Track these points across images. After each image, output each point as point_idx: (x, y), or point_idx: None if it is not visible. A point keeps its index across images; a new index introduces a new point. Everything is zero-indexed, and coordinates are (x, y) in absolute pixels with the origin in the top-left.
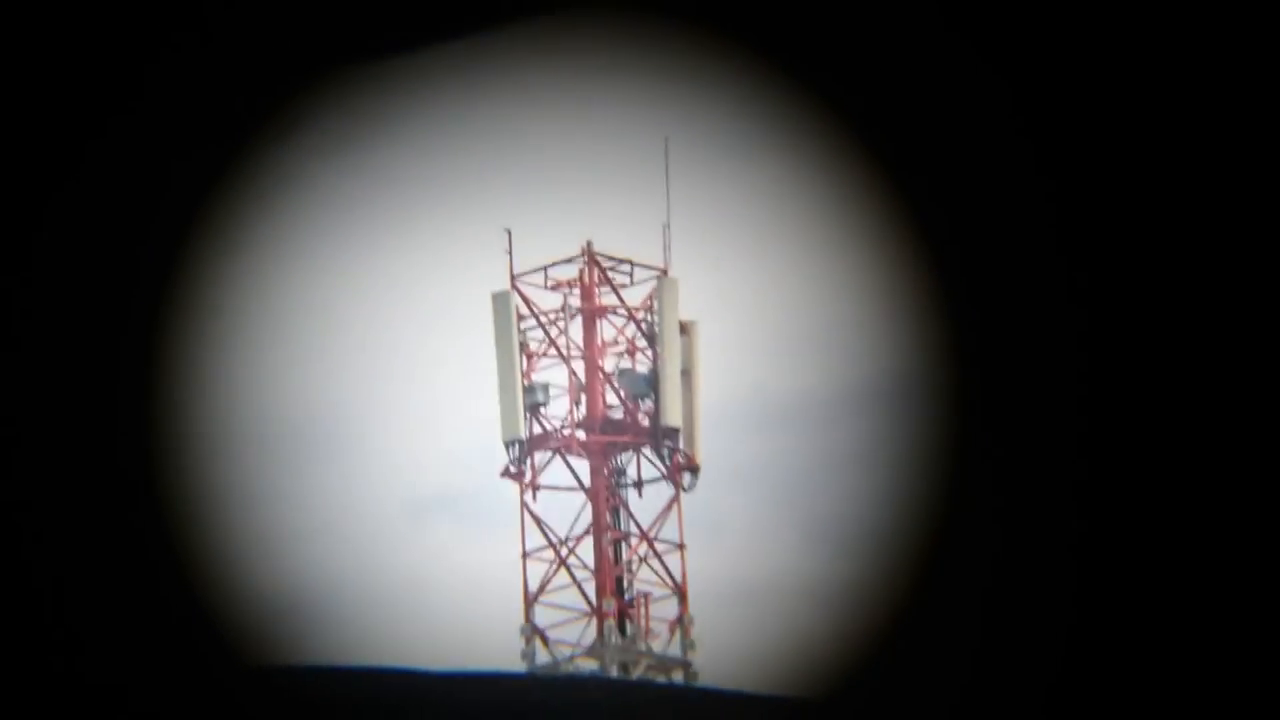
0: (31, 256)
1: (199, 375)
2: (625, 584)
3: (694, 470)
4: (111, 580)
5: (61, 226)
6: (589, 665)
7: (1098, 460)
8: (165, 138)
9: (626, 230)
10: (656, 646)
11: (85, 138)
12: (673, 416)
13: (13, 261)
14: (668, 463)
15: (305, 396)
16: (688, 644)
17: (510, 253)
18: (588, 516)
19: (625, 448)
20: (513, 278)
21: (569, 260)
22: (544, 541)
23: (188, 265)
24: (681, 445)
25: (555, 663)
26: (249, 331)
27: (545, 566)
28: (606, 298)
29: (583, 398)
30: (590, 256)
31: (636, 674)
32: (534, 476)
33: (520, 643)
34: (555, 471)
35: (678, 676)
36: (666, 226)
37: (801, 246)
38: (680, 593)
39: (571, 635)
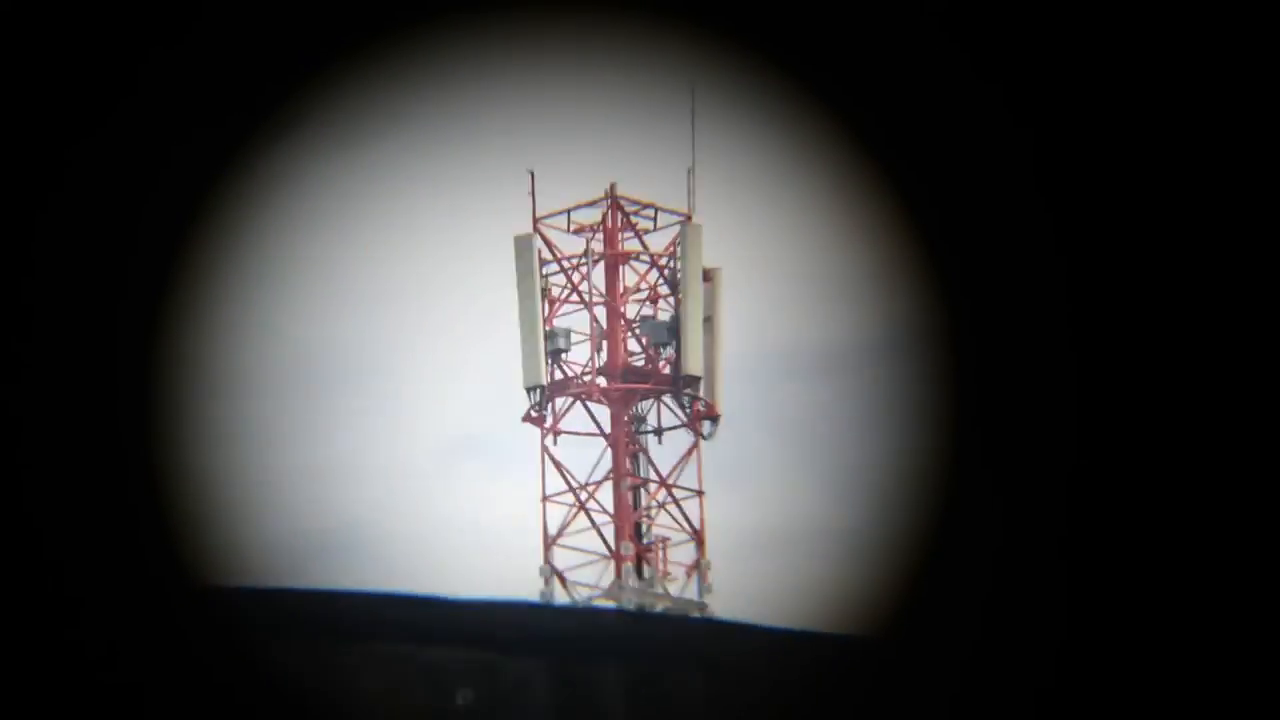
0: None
1: (227, 315)
2: (644, 529)
3: (714, 418)
4: (129, 520)
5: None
6: (607, 606)
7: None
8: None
9: (651, 175)
10: (673, 590)
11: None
12: (694, 364)
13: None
14: (688, 410)
15: (335, 338)
16: (704, 588)
17: (533, 195)
18: (608, 462)
19: (646, 395)
20: (535, 220)
21: (592, 203)
22: (564, 485)
23: (219, 202)
24: (702, 393)
25: (574, 602)
26: (278, 272)
27: (565, 510)
28: (630, 243)
29: (604, 344)
30: (614, 200)
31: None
32: (555, 422)
33: (540, 583)
34: (576, 417)
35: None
36: (691, 171)
37: (829, 194)
38: (698, 538)
39: (590, 578)
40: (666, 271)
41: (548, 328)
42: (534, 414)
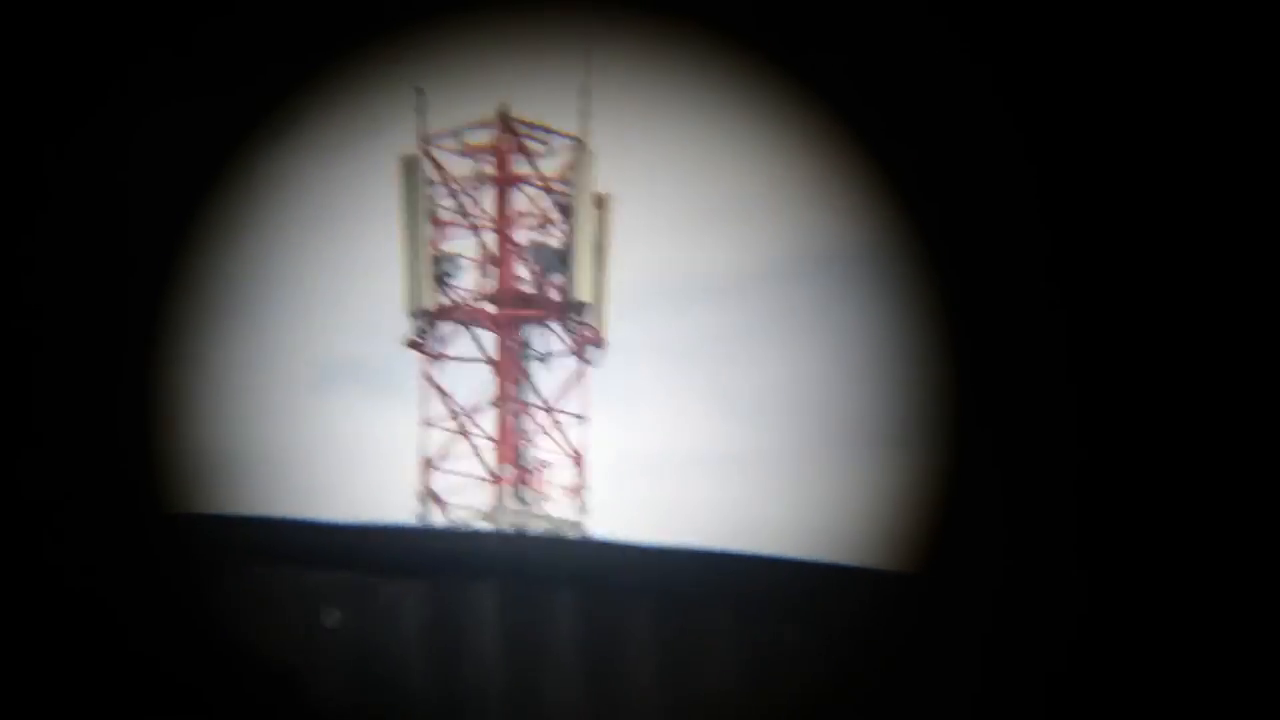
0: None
1: (105, 229)
2: (524, 453)
3: (599, 345)
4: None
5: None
6: (483, 527)
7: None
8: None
9: (545, 96)
10: (551, 511)
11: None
12: (583, 291)
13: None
14: (575, 337)
15: (211, 257)
16: (581, 509)
17: (420, 114)
18: (492, 388)
19: (533, 321)
20: (423, 141)
21: (482, 124)
22: (446, 410)
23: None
24: (590, 320)
25: (451, 525)
26: (155, 189)
27: (447, 435)
28: (522, 166)
29: (491, 270)
30: (504, 120)
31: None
32: (438, 348)
33: (416, 507)
34: (459, 340)
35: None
36: (585, 91)
37: (726, 118)
38: (578, 461)
39: (470, 502)
40: (558, 197)
41: (434, 253)
42: (417, 340)
